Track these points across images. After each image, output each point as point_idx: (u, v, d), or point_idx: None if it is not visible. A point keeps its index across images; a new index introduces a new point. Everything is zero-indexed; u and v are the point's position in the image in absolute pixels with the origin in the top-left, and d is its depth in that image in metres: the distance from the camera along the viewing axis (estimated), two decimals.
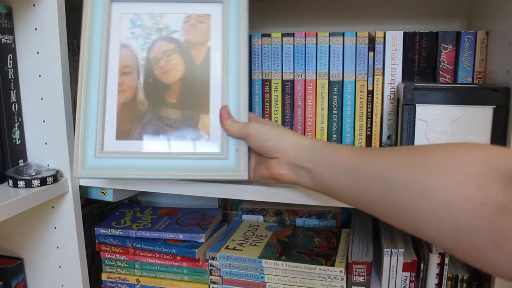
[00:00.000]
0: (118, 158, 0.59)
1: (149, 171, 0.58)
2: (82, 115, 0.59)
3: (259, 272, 0.78)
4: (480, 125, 0.58)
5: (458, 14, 0.86)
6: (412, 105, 0.60)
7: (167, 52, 0.60)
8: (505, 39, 0.62)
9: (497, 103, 0.57)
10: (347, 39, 0.75)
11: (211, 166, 0.59)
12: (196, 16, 0.61)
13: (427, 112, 0.60)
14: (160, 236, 0.84)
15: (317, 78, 0.78)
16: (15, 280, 0.79)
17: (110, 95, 0.60)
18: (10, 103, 0.71)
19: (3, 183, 0.70)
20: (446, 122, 0.60)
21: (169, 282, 0.84)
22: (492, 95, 0.58)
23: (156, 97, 0.60)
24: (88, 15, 0.60)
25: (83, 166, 0.58)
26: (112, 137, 0.60)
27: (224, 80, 0.60)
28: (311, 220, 0.92)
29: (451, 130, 0.60)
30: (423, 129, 0.61)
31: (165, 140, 0.60)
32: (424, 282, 0.69)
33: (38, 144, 0.74)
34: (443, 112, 0.60)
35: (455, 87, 0.60)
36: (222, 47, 0.60)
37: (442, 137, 0.60)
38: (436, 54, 0.72)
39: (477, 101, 0.58)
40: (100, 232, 0.86)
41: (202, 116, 0.60)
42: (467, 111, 0.59)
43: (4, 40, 0.69)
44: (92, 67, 0.59)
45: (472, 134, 0.59)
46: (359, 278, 0.73)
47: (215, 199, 1.05)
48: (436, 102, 0.59)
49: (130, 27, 0.60)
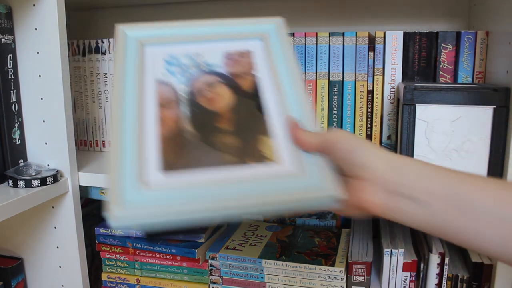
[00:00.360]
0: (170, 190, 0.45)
1: (211, 201, 0.43)
2: (117, 149, 0.47)
3: (259, 272, 0.78)
4: (480, 125, 0.58)
5: (458, 14, 0.86)
6: (412, 105, 0.60)
7: (210, 83, 0.54)
8: (505, 39, 0.62)
9: (497, 103, 0.57)
10: (347, 39, 0.75)
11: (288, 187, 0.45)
12: (237, 52, 0.56)
13: (427, 112, 0.60)
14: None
15: (317, 78, 0.78)
16: (15, 280, 0.79)
17: (148, 128, 0.50)
18: (10, 103, 0.71)
19: (3, 183, 0.70)
20: (447, 122, 0.60)
21: (169, 282, 0.84)
22: (492, 95, 0.58)
23: (205, 125, 0.52)
24: (120, 58, 0.54)
25: (124, 205, 0.42)
26: (156, 169, 0.47)
27: (282, 100, 0.52)
28: (311, 220, 0.92)
29: (451, 130, 0.60)
30: (423, 129, 0.61)
31: (224, 167, 0.48)
32: (424, 282, 0.69)
33: (38, 144, 0.74)
34: (443, 112, 0.60)
35: (455, 87, 0.60)
36: (271, 74, 0.54)
37: (442, 137, 0.61)
38: (436, 54, 0.72)
39: (477, 101, 0.58)
40: (100, 232, 0.86)
41: (263, 138, 0.50)
42: (467, 111, 0.59)
43: (4, 40, 0.69)
44: (126, 102, 0.51)
45: (473, 134, 0.59)
46: (359, 278, 0.73)
47: None
48: (436, 102, 0.59)
49: (166, 66, 0.55)
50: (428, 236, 0.72)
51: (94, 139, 0.94)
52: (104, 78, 0.90)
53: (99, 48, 0.89)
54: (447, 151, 0.61)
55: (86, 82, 0.92)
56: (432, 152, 0.62)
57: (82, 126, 0.94)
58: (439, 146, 0.61)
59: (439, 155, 0.62)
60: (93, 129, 0.94)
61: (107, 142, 0.93)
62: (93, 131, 0.94)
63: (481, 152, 0.59)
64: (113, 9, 1.07)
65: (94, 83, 0.91)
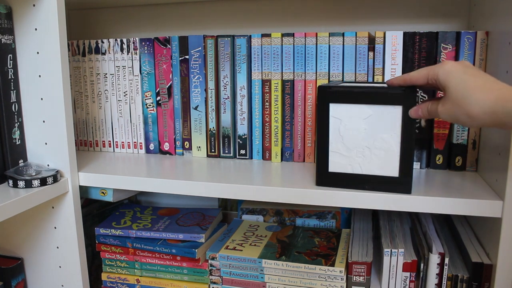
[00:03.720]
0: None
1: None
2: None
3: (259, 272, 0.78)
4: (391, 123, 0.61)
5: (458, 14, 0.86)
6: (325, 104, 0.64)
7: None
8: (505, 39, 0.62)
9: (405, 103, 0.59)
10: (347, 39, 0.75)
11: None
12: None
13: (340, 110, 0.64)
14: (160, 236, 0.84)
15: (317, 78, 0.78)
16: (15, 280, 0.79)
17: None
18: (10, 103, 0.71)
19: (3, 183, 0.70)
20: (359, 120, 0.63)
21: (169, 282, 0.84)
22: (401, 95, 0.60)
23: None
24: None
25: None
26: None
27: None
28: (311, 220, 0.92)
29: (363, 127, 0.63)
30: (337, 126, 0.65)
31: None
32: (424, 282, 0.69)
33: (38, 144, 0.74)
34: (355, 110, 0.63)
35: (367, 88, 0.62)
36: None
37: (355, 133, 0.64)
38: (436, 54, 0.72)
39: (387, 101, 0.61)
40: (100, 232, 0.86)
41: None
42: (378, 110, 0.61)
43: (4, 40, 0.69)
44: None
45: (384, 131, 0.62)
46: (359, 278, 0.73)
47: (215, 199, 1.05)
48: (348, 101, 0.63)
49: None
50: (428, 236, 0.72)
51: (94, 139, 0.94)
52: (104, 78, 0.90)
53: (99, 48, 0.89)
54: (360, 148, 0.64)
55: (86, 82, 0.92)
56: (346, 149, 0.65)
57: (82, 126, 0.94)
58: (352, 143, 0.64)
59: (353, 152, 0.64)
60: (93, 129, 0.94)
61: (107, 142, 0.93)
62: (93, 131, 0.94)
63: (393, 150, 0.62)
64: (113, 9, 1.07)
65: (94, 83, 0.91)
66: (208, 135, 0.86)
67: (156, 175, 0.74)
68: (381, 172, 0.63)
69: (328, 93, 0.64)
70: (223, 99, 0.84)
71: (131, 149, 0.92)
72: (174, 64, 0.85)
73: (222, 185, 0.68)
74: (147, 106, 0.89)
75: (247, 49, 0.81)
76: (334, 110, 0.64)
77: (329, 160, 0.66)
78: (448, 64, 0.53)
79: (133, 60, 0.88)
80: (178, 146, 0.89)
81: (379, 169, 0.63)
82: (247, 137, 0.84)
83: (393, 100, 0.60)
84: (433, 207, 0.61)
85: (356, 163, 0.65)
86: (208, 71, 0.83)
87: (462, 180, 0.69)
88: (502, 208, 0.58)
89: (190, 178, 0.71)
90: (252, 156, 0.85)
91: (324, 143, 0.66)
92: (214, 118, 0.85)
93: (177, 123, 0.88)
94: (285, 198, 0.66)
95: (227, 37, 0.81)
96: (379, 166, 0.63)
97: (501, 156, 0.61)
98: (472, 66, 0.53)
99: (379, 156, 0.63)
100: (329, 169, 0.66)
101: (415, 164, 0.76)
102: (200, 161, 0.83)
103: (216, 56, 0.82)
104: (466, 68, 0.52)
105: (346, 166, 0.65)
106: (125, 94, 0.89)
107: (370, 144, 0.63)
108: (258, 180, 0.70)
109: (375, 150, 0.63)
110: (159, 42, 0.85)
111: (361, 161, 0.64)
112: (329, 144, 0.66)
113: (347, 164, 0.65)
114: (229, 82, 0.83)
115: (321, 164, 0.67)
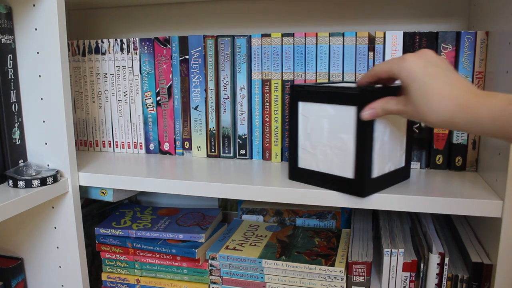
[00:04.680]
0: None
1: None
2: None
3: (259, 272, 0.78)
4: (348, 124, 0.61)
5: (458, 14, 0.86)
6: (295, 102, 0.67)
7: None
8: (505, 39, 0.62)
9: (359, 104, 0.59)
10: (347, 39, 0.75)
11: None
12: None
13: (308, 109, 0.65)
14: (160, 236, 0.84)
15: (317, 78, 0.78)
16: (15, 280, 0.79)
17: None
18: (10, 103, 0.71)
19: (3, 183, 0.70)
20: (322, 119, 0.64)
21: (169, 282, 0.84)
22: (355, 96, 0.59)
23: None
24: None
25: None
26: None
27: None
28: (311, 220, 0.92)
29: (326, 126, 0.64)
30: (305, 123, 0.66)
31: None
32: (424, 282, 0.69)
33: (38, 144, 0.74)
34: (319, 109, 0.64)
35: (328, 87, 0.63)
36: None
37: (319, 131, 0.65)
38: None
39: (344, 101, 0.61)
40: (100, 232, 0.86)
41: None
42: (338, 110, 0.62)
43: (4, 40, 0.69)
44: None
45: (342, 131, 0.62)
46: (359, 278, 0.73)
47: (215, 199, 1.05)
48: (314, 100, 0.64)
49: None
50: (428, 236, 0.72)
51: (94, 139, 0.94)
52: (104, 78, 0.90)
53: (99, 48, 0.89)
54: (323, 146, 0.65)
55: (86, 82, 0.92)
56: (312, 146, 0.66)
57: (82, 126, 0.94)
58: (317, 141, 0.65)
59: (317, 150, 0.66)
60: (93, 129, 0.94)
61: (107, 142, 0.93)
62: (93, 131, 0.94)
63: (349, 150, 0.61)
64: (113, 9, 1.07)
65: (94, 83, 0.91)
66: (208, 135, 0.86)
67: (156, 175, 0.74)
68: (339, 172, 0.63)
69: (298, 91, 0.66)
70: (223, 99, 0.84)
71: (131, 149, 0.92)
72: (174, 64, 0.85)
73: (222, 185, 0.68)
74: (147, 106, 0.89)
75: (247, 49, 0.81)
76: (302, 108, 0.66)
77: (298, 156, 0.68)
78: (409, 61, 0.51)
79: (133, 60, 0.88)
80: (178, 146, 0.89)
81: (337, 169, 0.63)
82: (247, 137, 0.84)
83: (348, 100, 0.60)
84: (433, 207, 0.61)
85: (320, 161, 0.65)
86: (208, 71, 0.83)
87: (462, 180, 0.69)
88: (502, 208, 0.58)
89: (190, 178, 0.71)
90: (252, 156, 0.85)
91: (294, 139, 0.68)
92: (214, 118, 0.85)
93: (177, 123, 0.88)
94: (285, 198, 0.66)
95: (227, 37, 0.81)
96: (337, 166, 0.63)
97: (501, 156, 0.61)
98: (434, 59, 0.51)
99: (338, 156, 0.63)
100: (298, 164, 0.68)
101: (415, 164, 0.76)
102: (200, 161, 0.83)
103: (216, 56, 0.82)
104: (426, 67, 0.49)
105: (312, 163, 0.67)
106: (125, 94, 0.89)
107: (331, 143, 0.63)
108: (258, 180, 0.70)
109: (335, 150, 0.63)
110: (159, 42, 0.85)
111: (323, 159, 0.65)
112: (298, 140, 0.67)
113: (313, 161, 0.66)
114: (229, 82, 0.83)
115: (292, 160, 0.69)
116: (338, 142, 0.62)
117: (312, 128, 0.65)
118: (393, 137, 0.64)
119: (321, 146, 0.65)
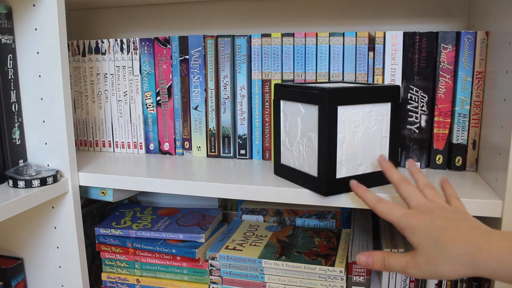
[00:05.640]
0: None
1: None
2: None
3: (259, 272, 0.78)
4: (314, 122, 0.62)
5: (458, 14, 0.86)
6: (278, 100, 0.69)
7: None
8: (505, 39, 0.62)
9: (321, 103, 0.59)
10: (347, 39, 0.75)
11: None
12: None
13: (287, 107, 0.67)
14: (160, 236, 0.84)
15: (317, 78, 0.78)
16: (15, 280, 0.79)
17: None
18: (10, 103, 0.71)
19: (3, 183, 0.70)
20: (297, 117, 0.65)
21: (169, 282, 0.84)
22: (316, 95, 0.60)
23: None
24: None
25: None
26: None
27: None
28: (311, 220, 0.92)
29: (300, 124, 0.65)
30: (285, 121, 0.68)
31: None
32: (424, 282, 0.69)
33: (38, 144, 0.74)
34: (294, 108, 0.66)
35: (301, 87, 0.64)
36: None
37: (294, 129, 0.66)
38: (436, 54, 0.72)
39: (310, 100, 0.61)
40: (100, 232, 0.86)
41: None
42: (307, 109, 0.63)
43: (4, 40, 0.69)
44: None
45: (311, 130, 0.62)
46: (359, 278, 0.73)
47: (215, 199, 1.05)
48: (291, 99, 0.66)
49: None
50: None
51: (94, 139, 0.94)
52: (104, 78, 0.90)
53: (99, 48, 0.89)
54: (296, 143, 0.66)
55: (86, 82, 0.92)
56: (290, 143, 0.68)
57: (82, 126, 0.94)
58: (293, 139, 0.67)
59: (293, 147, 0.67)
60: (93, 129, 0.94)
61: (107, 142, 0.93)
62: (93, 131, 0.94)
63: (315, 149, 0.62)
64: (113, 9, 1.07)
65: (94, 83, 0.91)
66: (208, 135, 0.86)
67: (156, 175, 0.74)
68: (308, 170, 0.64)
69: (280, 90, 0.68)
70: (223, 99, 0.84)
71: (131, 149, 0.92)
72: (174, 64, 0.85)
73: (222, 185, 0.68)
74: (147, 106, 0.89)
75: (247, 49, 0.81)
76: (283, 106, 0.68)
77: (281, 152, 0.70)
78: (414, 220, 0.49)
79: (133, 60, 0.88)
80: (178, 146, 0.89)
81: (307, 167, 0.64)
82: (247, 137, 0.84)
83: (313, 99, 0.61)
84: None
85: (295, 158, 0.67)
86: (208, 71, 0.83)
87: (462, 180, 0.69)
88: (502, 208, 0.58)
89: (190, 178, 0.71)
90: (252, 156, 0.85)
91: (277, 136, 0.70)
92: (214, 118, 0.85)
93: (177, 123, 0.88)
94: (285, 198, 0.66)
95: (227, 37, 0.81)
96: (307, 164, 0.64)
97: (501, 156, 0.61)
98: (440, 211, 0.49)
99: (308, 154, 0.64)
100: (281, 161, 0.70)
101: (415, 164, 0.76)
102: (200, 161, 0.83)
103: (216, 56, 0.82)
104: (433, 221, 0.47)
105: (290, 159, 0.68)
106: (125, 94, 0.89)
107: (303, 141, 0.65)
108: (258, 180, 0.70)
109: (305, 148, 0.64)
110: (159, 42, 0.85)
111: (297, 156, 0.66)
112: (280, 137, 0.70)
113: (290, 158, 0.68)
114: (229, 82, 0.83)
115: (276, 155, 0.71)
116: (308, 140, 0.64)
117: (290, 125, 0.67)
118: (369, 139, 0.64)
119: (296, 143, 0.66)
